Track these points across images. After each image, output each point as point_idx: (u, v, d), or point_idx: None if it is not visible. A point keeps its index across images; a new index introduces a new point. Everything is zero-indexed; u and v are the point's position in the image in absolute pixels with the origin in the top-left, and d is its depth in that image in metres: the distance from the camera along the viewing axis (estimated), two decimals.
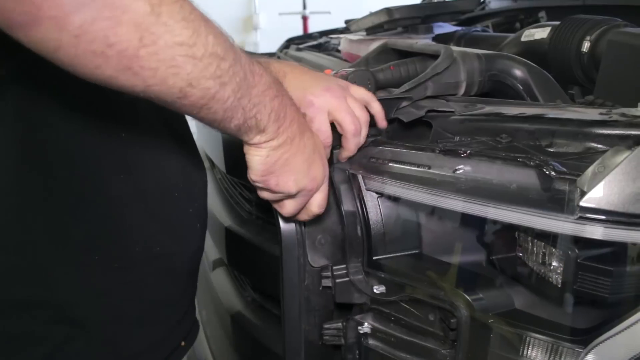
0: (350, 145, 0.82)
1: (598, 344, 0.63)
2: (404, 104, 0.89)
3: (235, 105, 0.59)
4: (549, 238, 0.68)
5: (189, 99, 0.55)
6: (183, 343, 0.85)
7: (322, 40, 1.95)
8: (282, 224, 0.87)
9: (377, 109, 0.85)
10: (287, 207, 0.75)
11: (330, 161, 0.85)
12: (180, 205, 0.79)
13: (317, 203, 0.76)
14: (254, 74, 0.61)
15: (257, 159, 0.69)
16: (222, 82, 0.56)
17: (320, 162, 0.74)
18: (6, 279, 0.64)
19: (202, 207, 0.86)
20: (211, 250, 1.42)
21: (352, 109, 0.81)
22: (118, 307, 0.71)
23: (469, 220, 0.79)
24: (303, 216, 0.78)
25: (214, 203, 1.35)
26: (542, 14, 1.60)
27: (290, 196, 0.73)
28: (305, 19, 4.73)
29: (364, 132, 0.83)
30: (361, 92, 0.85)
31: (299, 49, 1.77)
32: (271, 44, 2.31)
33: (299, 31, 4.34)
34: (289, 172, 0.70)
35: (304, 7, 4.75)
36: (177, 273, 0.80)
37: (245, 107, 0.61)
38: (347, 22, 1.83)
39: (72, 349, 0.68)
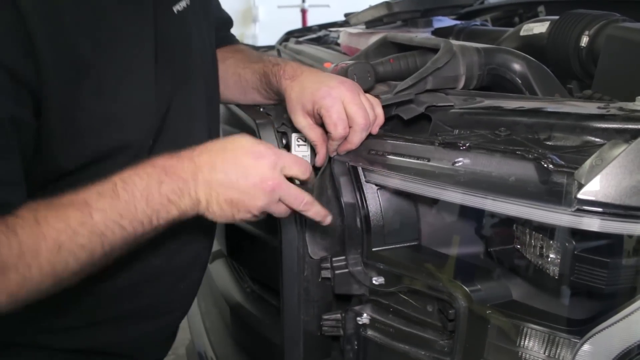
0: (355, 139, 0.83)
1: (594, 334, 0.64)
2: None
3: (131, 235, 0.67)
4: (547, 230, 0.69)
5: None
6: None
7: (321, 33, 1.94)
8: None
9: (380, 114, 0.87)
10: (277, 213, 0.75)
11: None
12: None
13: (292, 196, 0.74)
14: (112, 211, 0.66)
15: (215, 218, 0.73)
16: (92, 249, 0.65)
17: (253, 160, 0.71)
18: None
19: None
20: None
21: (365, 105, 0.83)
22: None
23: (467, 213, 0.79)
24: (301, 208, 0.75)
25: None
26: (541, 8, 1.60)
27: (263, 207, 0.72)
28: (304, 11, 4.73)
29: (369, 131, 0.85)
30: (369, 95, 0.87)
31: (298, 42, 1.76)
32: (270, 37, 2.31)
33: (298, 24, 4.33)
34: (236, 206, 0.71)
35: (303, 0, 4.74)
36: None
37: (144, 222, 0.67)
38: (346, 15, 1.82)
39: None
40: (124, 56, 0.72)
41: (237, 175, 0.70)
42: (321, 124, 0.86)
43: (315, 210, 0.76)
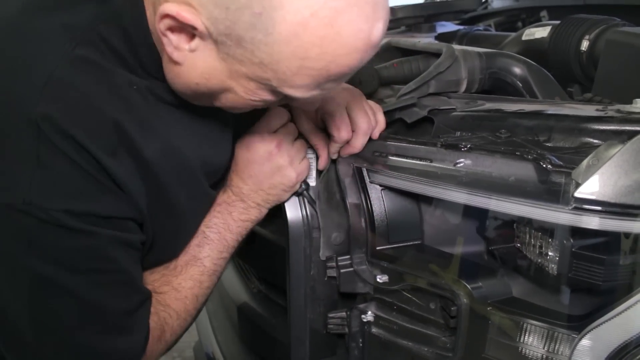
0: (357, 143, 0.86)
1: (591, 329, 0.66)
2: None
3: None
4: (546, 229, 0.71)
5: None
6: None
7: None
8: (289, 216, 0.90)
9: (381, 120, 0.89)
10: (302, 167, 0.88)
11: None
12: None
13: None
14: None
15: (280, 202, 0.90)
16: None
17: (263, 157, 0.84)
18: None
19: None
20: None
21: (367, 111, 0.85)
22: None
23: (469, 212, 0.81)
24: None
25: None
26: (543, 13, 1.62)
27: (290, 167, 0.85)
28: None
29: (377, 129, 0.87)
30: (370, 102, 0.90)
31: None
32: None
33: None
34: (279, 185, 0.86)
35: None
36: None
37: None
38: None
39: None
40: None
41: (257, 171, 0.84)
42: (323, 128, 0.89)
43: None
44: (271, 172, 0.84)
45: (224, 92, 0.67)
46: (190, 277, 0.82)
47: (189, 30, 0.61)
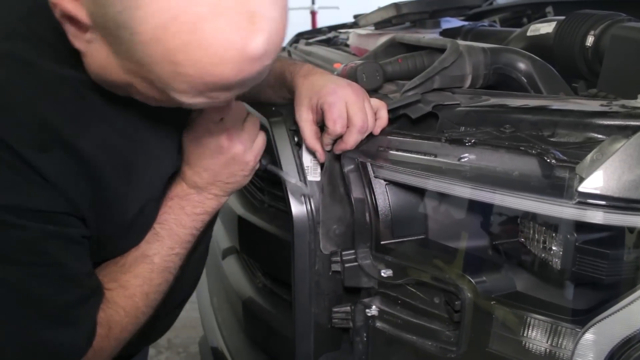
0: (350, 140, 0.86)
1: (595, 323, 0.66)
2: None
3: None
4: (550, 223, 0.71)
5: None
6: None
7: (330, 34, 1.97)
8: (294, 211, 0.90)
9: (383, 117, 0.89)
10: (257, 147, 0.85)
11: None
12: None
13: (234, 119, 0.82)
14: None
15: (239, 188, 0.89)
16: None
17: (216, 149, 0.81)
18: None
19: None
20: (222, 238, 1.45)
21: (367, 110, 0.86)
22: None
23: (473, 207, 0.82)
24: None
25: None
26: (549, 9, 1.62)
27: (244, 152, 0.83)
28: (313, 13, 4.76)
29: (365, 134, 0.87)
30: (375, 100, 0.90)
31: (308, 44, 1.79)
32: None
33: (307, 26, 4.36)
34: (238, 172, 0.84)
35: (313, 2, 4.77)
36: None
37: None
38: (355, 17, 1.85)
39: None
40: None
41: (211, 164, 0.82)
42: (320, 124, 0.89)
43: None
44: (226, 163, 0.82)
45: (129, 87, 0.64)
46: (138, 275, 0.80)
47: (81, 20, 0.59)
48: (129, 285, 0.79)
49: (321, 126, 0.90)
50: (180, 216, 0.83)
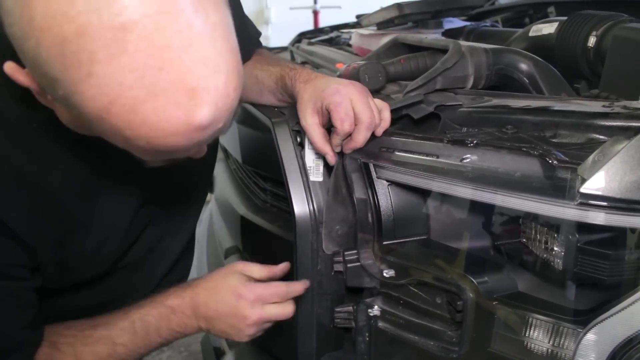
0: (360, 137, 0.86)
1: (597, 324, 0.66)
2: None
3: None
4: (551, 224, 0.72)
5: None
6: None
7: (333, 34, 1.97)
8: (296, 211, 0.91)
9: (386, 117, 0.89)
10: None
11: (341, 152, 0.89)
12: None
13: (276, 317, 0.90)
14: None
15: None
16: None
17: (236, 301, 0.86)
18: None
19: None
20: (225, 238, 1.46)
21: (372, 107, 0.86)
22: None
23: (475, 207, 0.82)
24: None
25: (229, 192, 1.39)
26: (551, 9, 1.62)
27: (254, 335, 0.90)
28: (316, 13, 4.75)
29: (372, 130, 0.87)
30: (378, 101, 0.90)
31: (310, 43, 1.80)
32: (282, 38, 2.34)
33: (309, 25, 4.36)
34: (231, 334, 0.89)
35: (315, 1, 4.77)
36: None
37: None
38: (358, 17, 1.85)
39: None
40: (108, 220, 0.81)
41: (225, 313, 0.87)
42: (326, 127, 0.89)
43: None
44: (232, 326, 0.87)
45: (99, 136, 0.62)
46: (95, 352, 0.81)
47: None
48: (81, 357, 0.80)
49: (327, 128, 0.90)
50: (162, 326, 0.86)
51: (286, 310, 0.89)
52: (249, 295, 0.86)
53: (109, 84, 0.51)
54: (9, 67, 0.57)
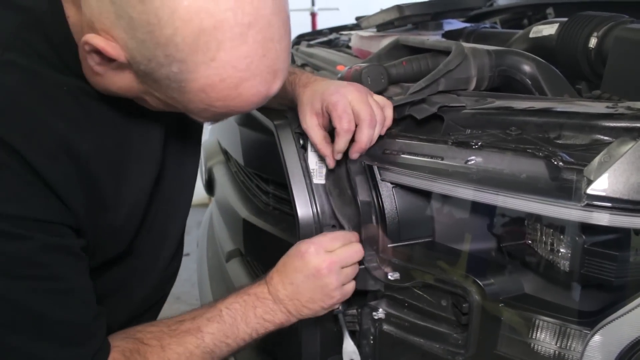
0: (363, 137, 0.85)
1: (604, 325, 0.66)
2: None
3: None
4: (557, 226, 0.71)
5: None
6: None
7: (332, 36, 1.97)
8: (299, 214, 0.90)
9: (389, 115, 0.89)
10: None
11: (345, 154, 0.89)
12: None
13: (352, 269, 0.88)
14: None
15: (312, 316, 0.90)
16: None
17: (315, 277, 0.85)
18: None
19: None
20: (226, 241, 1.45)
21: (372, 105, 0.86)
22: None
23: (479, 209, 0.82)
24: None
25: (230, 195, 1.39)
26: (549, 10, 1.62)
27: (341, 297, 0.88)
28: (313, 15, 4.75)
29: (378, 129, 0.87)
30: (380, 97, 0.90)
31: (309, 45, 1.79)
32: None
33: (307, 28, 4.35)
34: (318, 302, 0.87)
35: (313, 3, 4.77)
36: None
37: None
38: (357, 18, 1.85)
39: None
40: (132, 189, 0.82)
41: (300, 279, 0.85)
42: (328, 129, 0.89)
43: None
44: (314, 288, 0.85)
45: (138, 99, 0.73)
46: (182, 343, 0.80)
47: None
48: (168, 349, 0.79)
49: (330, 133, 0.89)
50: (249, 313, 0.85)
51: (353, 248, 0.87)
52: (308, 247, 0.85)
53: (225, 67, 0.63)
54: (97, 39, 0.62)
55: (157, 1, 0.59)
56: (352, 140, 0.86)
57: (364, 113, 0.84)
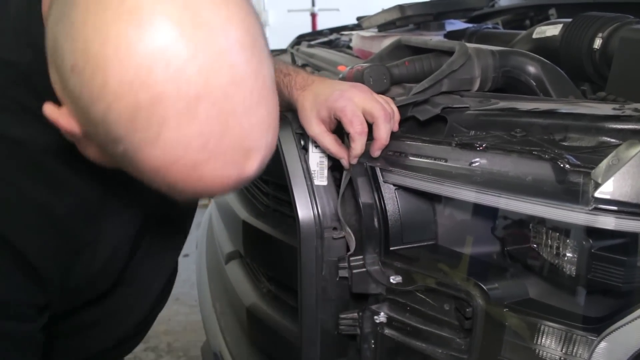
0: (382, 133, 0.83)
1: (611, 332, 0.65)
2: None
3: None
4: (563, 229, 0.70)
5: None
6: None
7: (332, 37, 1.96)
8: (300, 216, 0.89)
9: (396, 109, 0.87)
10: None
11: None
12: None
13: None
14: None
15: None
16: None
17: None
18: None
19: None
20: (225, 243, 1.44)
21: (379, 100, 0.85)
22: None
23: (483, 212, 0.81)
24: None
25: (230, 197, 1.37)
26: (552, 11, 1.61)
27: None
28: (314, 15, 4.75)
29: (392, 123, 0.85)
30: (381, 96, 0.88)
31: (310, 46, 1.78)
32: (280, 41, 2.33)
33: (307, 28, 4.35)
34: None
35: (313, 4, 4.77)
36: None
37: None
38: (358, 18, 1.84)
39: None
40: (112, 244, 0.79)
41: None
42: (337, 132, 0.88)
43: None
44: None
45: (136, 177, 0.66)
46: None
47: None
48: None
49: (340, 136, 0.88)
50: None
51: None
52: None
53: (175, 147, 0.53)
54: (51, 110, 0.57)
55: (87, 73, 0.51)
56: (368, 140, 0.85)
57: (377, 110, 0.83)
